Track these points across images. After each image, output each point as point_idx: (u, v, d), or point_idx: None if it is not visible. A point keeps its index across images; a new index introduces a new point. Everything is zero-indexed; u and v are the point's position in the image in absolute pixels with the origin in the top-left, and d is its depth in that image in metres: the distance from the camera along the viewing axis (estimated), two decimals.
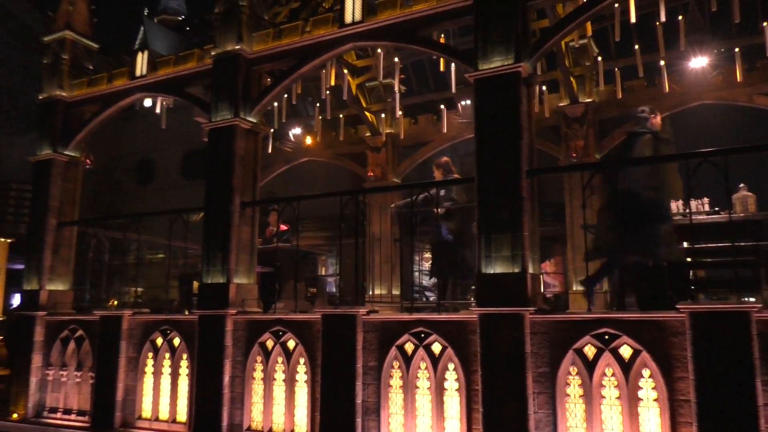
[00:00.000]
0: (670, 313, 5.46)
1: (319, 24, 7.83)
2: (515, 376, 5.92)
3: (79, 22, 10.06)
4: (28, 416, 8.99)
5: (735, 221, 6.51)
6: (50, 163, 9.58)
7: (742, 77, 9.05)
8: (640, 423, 5.55)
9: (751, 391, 5.02)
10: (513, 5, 6.50)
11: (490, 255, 6.22)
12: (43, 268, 9.35)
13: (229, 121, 7.99)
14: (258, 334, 7.48)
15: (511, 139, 6.30)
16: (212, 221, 7.95)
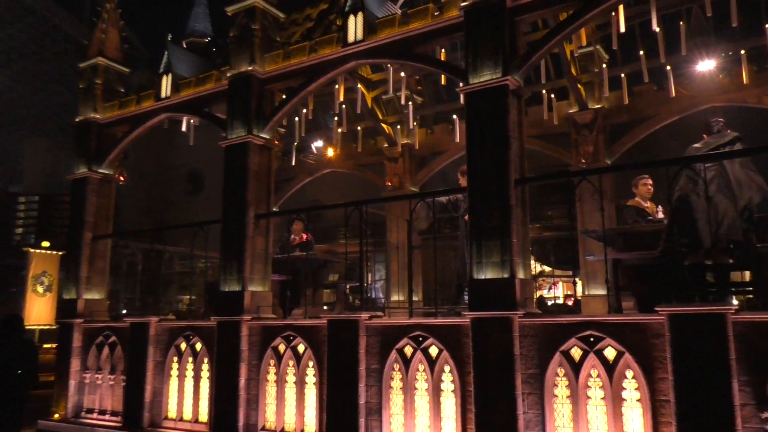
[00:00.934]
0: (650, 315, 5.63)
1: (325, 44, 8.25)
2: (505, 377, 6.15)
3: (111, 49, 10.77)
4: (68, 416, 9.67)
5: None
6: (86, 181, 10.29)
7: (750, 79, 9.03)
8: (623, 423, 5.72)
9: (728, 391, 5.14)
10: (501, 21, 6.76)
11: (480, 261, 6.48)
12: (80, 279, 10.04)
13: (243, 138, 8.48)
14: (271, 339, 7.92)
15: (499, 149, 6.56)
16: (228, 233, 8.44)
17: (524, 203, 6.73)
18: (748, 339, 5.22)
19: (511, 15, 6.85)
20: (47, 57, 64.01)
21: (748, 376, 5.18)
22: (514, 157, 6.57)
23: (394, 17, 7.74)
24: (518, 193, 6.63)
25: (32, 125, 66.66)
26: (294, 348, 7.76)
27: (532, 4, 6.81)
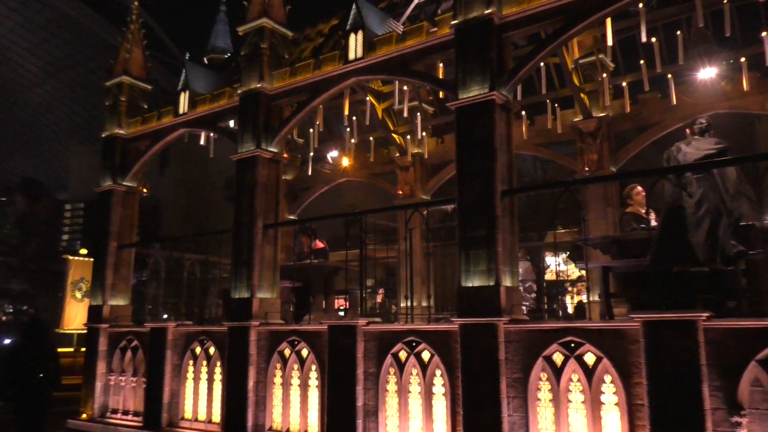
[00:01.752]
0: (627, 322, 5.82)
1: (328, 61, 8.63)
2: (491, 381, 6.40)
3: (135, 68, 11.38)
4: (95, 416, 10.24)
5: None
6: (111, 193, 10.89)
7: (753, 86, 9.06)
8: (602, 426, 5.91)
9: (699, 396, 5.30)
10: (488, 39, 7.03)
11: (468, 269, 6.75)
12: (105, 286, 10.64)
13: (252, 152, 8.92)
14: (277, 344, 8.32)
15: (486, 161, 6.81)
16: (238, 242, 8.88)
17: (512, 213, 6.98)
18: (719, 345, 5.37)
19: (499, 32, 7.11)
20: (92, 67, 66.20)
21: (720, 381, 5.33)
22: (501, 169, 6.82)
23: (392, 35, 8.07)
24: (506, 203, 6.88)
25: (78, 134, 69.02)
26: (298, 352, 8.14)
27: (519, 22, 7.05)
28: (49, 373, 8.35)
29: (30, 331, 8.59)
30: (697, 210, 6.18)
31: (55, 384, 8.44)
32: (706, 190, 6.28)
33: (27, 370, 8.20)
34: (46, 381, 8.30)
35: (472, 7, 7.15)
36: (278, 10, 9.44)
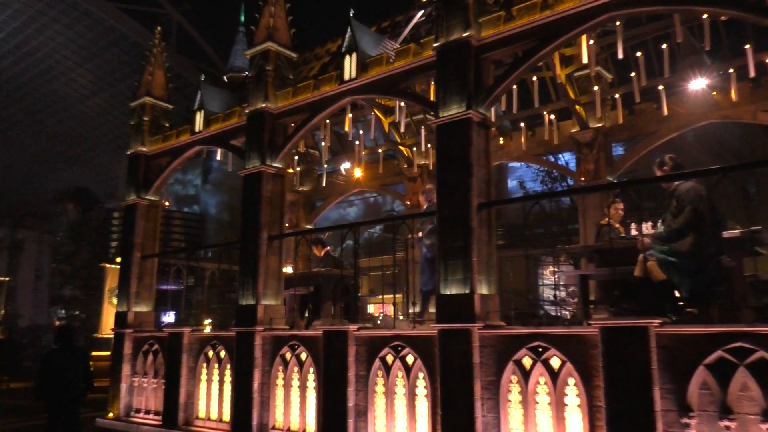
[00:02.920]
0: (588, 328, 6.15)
1: (325, 81, 9.17)
2: (466, 383, 6.80)
3: (157, 89, 12.17)
4: (120, 416, 11.00)
5: None
6: (135, 207, 11.68)
7: (745, 96, 9.19)
8: (566, 426, 6.25)
9: (650, 398, 5.61)
10: (467, 60, 7.45)
11: (447, 278, 7.17)
12: (130, 294, 11.41)
13: (257, 168, 9.52)
14: (279, 348, 8.87)
15: (463, 176, 7.23)
16: (245, 252, 9.48)
17: (490, 225, 7.36)
18: (671, 350, 5.67)
19: (477, 53, 7.52)
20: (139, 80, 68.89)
21: (671, 384, 5.62)
22: (477, 183, 7.22)
23: (382, 57, 8.56)
24: (483, 216, 7.28)
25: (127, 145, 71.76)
26: (298, 356, 8.68)
27: (495, 43, 7.45)
28: (79, 376, 9.00)
29: (61, 338, 9.29)
30: None
31: (88, 386, 9.04)
32: None
33: (59, 373, 8.86)
34: (77, 384, 8.94)
35: (452, 30, 7.58)
36: (283, 33, 10.04)
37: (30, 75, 70.91)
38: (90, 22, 69.08)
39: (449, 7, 7.65)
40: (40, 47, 68.02)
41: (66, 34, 70.00)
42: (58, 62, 71.28)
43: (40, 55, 69.27)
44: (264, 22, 9.96)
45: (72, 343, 9.21)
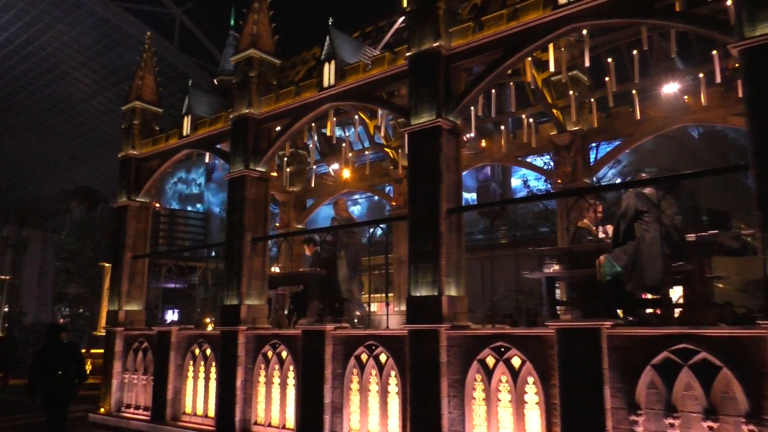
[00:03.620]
0: (545, 329, 6.41)
1: (306, 88, 9.44)
2: (433, 381, 7.08)
3: (148, 93, 12.46)
4: (111, 411, 11.33)
5: None
6: (125, 209, 11.99)
7: (715, 100, 9.39)
8: (525, 423, 6.53)
9: (601, 396, 5.88)
10: (437, 69, 7.71)
11: (417, 281, 7.44)
12: (121, 293, 11.72)
13: (241, 172, 9.81)
14: (261, 346, 9.17)
15: (433, 182, 7.49)
16: (230, 253, 9.78)
17: (459, 229, 7.63)
18: (621, 351, 5.93)
19: (447, 62, 7.78)
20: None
21: (621, 384, 5.89)
22: (446, 189, 7.48)
23: (359, 65, 8.82)
24: (452, 220, 7.55)
25: None
26: (279, 354, 8.98)
27: (464, 53, 7.71)
28: (70, 371, 9.37)
29: (49, 335, 9.65)
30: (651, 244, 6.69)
31: (80, 379, 9.41)
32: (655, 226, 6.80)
33: (49, 369, 9.24)
34: (67, 378, 9.30)
35: (424, 40, 7.84)
36: (266, 40, 10.31)
37: (34, 74, 71.35)
38: (94, 22, 69.46)
39: (421, 17, 7.90)
40: (44, 46, 68.39)
41: (70, 34, 70.39)
42: (62, 61, 71.66)
43: (44, 54, 69.67)
44: (247, 29, 10.23)
45: (60, 339, 9.54)
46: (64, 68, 72.65)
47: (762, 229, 5.30)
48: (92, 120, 74.57)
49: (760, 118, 5.42)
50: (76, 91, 75.16)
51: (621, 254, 6.73)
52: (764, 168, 5.35)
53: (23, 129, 71.31)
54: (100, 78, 73.20)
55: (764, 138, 5.39)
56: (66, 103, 75.74)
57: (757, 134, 5.41)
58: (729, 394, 5.34)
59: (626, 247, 6.72)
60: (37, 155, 74.00)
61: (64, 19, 67.35)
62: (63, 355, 9.40)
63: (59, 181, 76.12)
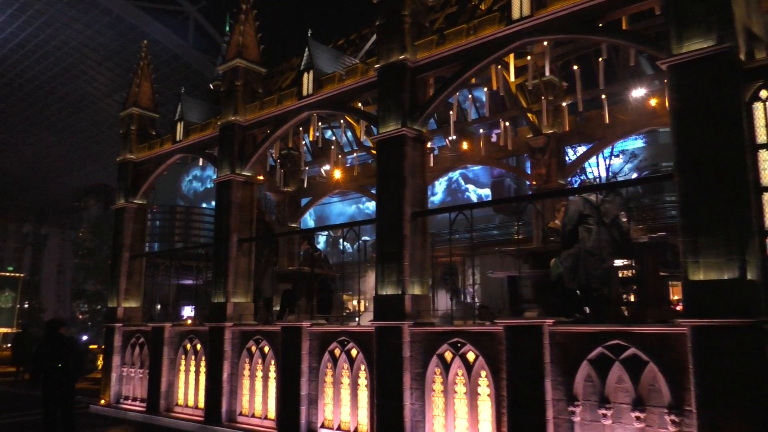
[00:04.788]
0: (495, 326, 6.86)
1: (287, 97, 9.93)
2: (397, 375, 7.56)
3: (144, 99, 13.04)
4: (111, 402, 11.96)
5: None
6: (124, 210, 12.59)
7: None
8: (478, 413, 6.99)
9: (542, 388, 6.32)
10: (403, 80, 8.15)
11: (383, 280, 7.92)
12: (120, 291, 12.33)
13: (228, 176, 10.34)
14: (246, 341, 9.71)
15: (398, 188, 7.95)
16: (218, 254, 10.32)
17: (424, 232, 8.09)
18: (563, 346, 6.37)
19: (413, 74, 8.22)
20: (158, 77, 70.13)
21: (562, 377, 6.33)
22: (411, 194, 7.94)
23: (335, 75, 9.29)
24: (418, 223, 8.01)
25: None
26: (261, 349, 9.51)
27: (428, 65, 8.15)
28: (69, 364, 9.92)
29: (50, 331, 10.21)
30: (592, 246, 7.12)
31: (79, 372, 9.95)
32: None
33: (50, 362, 9.79)
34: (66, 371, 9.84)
35: (392, 52, 8.28)
36: (252, 50, 10.81)
37: (51, 73, 72.46)
38: (109, 21, 70.41)
39: (389, 31, 8.35)
40: (60, 46, 69.40)
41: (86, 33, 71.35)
42: (79, 60, 72.62)
43: (61, 53, 70.69)
44: (234, 40, 10.75)
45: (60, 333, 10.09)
46: (80, 67, 73.74)
47: (684, 234, 5.70)
48: (108, 118, 75.61)
49: (683, 131, 5.82)
50: (92, 89, 76.32)
51: (566, 256, 7.15)
52: (686, 178, 5.75)
53: (41, 127, 72.55)
54: (116, 76, 74.24)
55: (687, 150, 5.79)
56: (82, 101, 76.86)
57: (681, 146, 5.81)
58: (655, 386, 5.76)
59: (571, 250, 7.14)
60: (54, 153, 75.29)
61: (81, 19, 68.39)
62: (62, 348, 9.94)
63: (76, 179, 77.48)
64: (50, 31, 66.17)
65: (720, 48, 5.69)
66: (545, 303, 8.24)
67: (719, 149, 5.62)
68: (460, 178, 44.92)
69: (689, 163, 5.76)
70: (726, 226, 5.44)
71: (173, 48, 66.62)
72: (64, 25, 65.52)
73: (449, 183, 47.19)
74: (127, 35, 72.44)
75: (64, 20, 65.01)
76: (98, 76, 76.26)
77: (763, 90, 6.29)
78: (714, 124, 5.66)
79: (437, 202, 44.77)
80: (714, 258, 5.45)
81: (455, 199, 45.70)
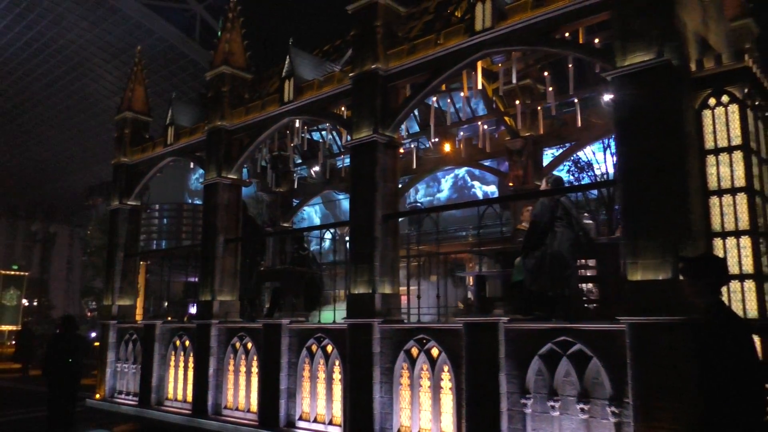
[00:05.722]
0: (457, 323, 7.23)
1: (269, 103, 10.33)
2: (367, 370, 7.95)
3: (138, 103, 13.47)
4: (106, 397, 12.43)
5: None
6: (118, 211, 13.04)
7: None
8: (441, 405, 7.37)
9: (497, 381, 6.69)
10: (375, 88, 8.52)
11: (356, 280, 8.31)
12: (115, 289, 12.79)
13: (215, 179, 10.75)
14: (231, 338, 10.13)
15: (370, 191, 8.33)
16: (205, 253, 10.74)
17: (395, 233, 8.47)
18: (516, 342, 6.74)
19: (385, 82, 8.59)
20: (165, 75, 70.72)
21: (516, 371, 6.70)
22: (382, 198, 8.31)
23: (314, 82, 9.68)
24: (389, 225, 8.39)
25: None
26: (245, 345, 9.93)
27: (400, 73, 8.51)
28: (80, 358, 10.41)
29: (65, 326, 10.69)
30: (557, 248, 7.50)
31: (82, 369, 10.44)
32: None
33: (60, 357, 10.26)
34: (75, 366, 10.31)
35: (365, 61, 8.66)
36: (238, 57, 11.22)
37: (59, 72, 73.06)
38: (116, 19, 70.99)
39: (362, 41, 8.73)
40: (67, 45, 69.92)
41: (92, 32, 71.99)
42: (86, 59, 73.25)
43: (68, 52, 71.21)
44: (220, 47, 11.16)
45: (74, 330, 10.60)
46: (88, 65, 74.37)
47: (625, 237, 6.06)
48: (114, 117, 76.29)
49: (626, 141, 6.18)
50: (99, 87, 76.98)
51: (530, 259, 7.50)
52: (628, 184, 6.10)
53: (48, 126, 73.30)
54: (123, 75, 74.70)
55: (629, 158, 6.14)
56: (90, 100, 77.55)
57: (623, 155, 6.17)
58: (598, 380, 6.12)
59: (536, 252, 7.48)
60: (62, 151, 76.06)
61: (87, 17, 68.97)
62: (74, 343, 10.42)
63: (84, 177, 78.28)
64: (57, 29, 66.80)
65: (659, 61, 6.03)
66: (514, 300, 8.70)
67: (658, 158, 5.96)
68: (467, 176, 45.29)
69: (631, 170, 6.12)
70: (662, 230, 5.79)
71: (180, 46, 67.25)
72: (71, 23, 66.17)
73: (455, 180, 47.60)
74: (133, 33, 73.06)
75: (71, 19, 65.64)
76: (105, 75, 76.95)
77: (712, 98, 6.68)
78: (654, 133, 6.00)
79: (443, 198, 45.14)
80: (651, 259, 5.81)
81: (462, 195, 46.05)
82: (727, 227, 6.40)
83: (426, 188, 44.91)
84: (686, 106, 6.42)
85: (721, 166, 6.50)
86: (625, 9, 6.33)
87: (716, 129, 6.60)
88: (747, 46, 9.24)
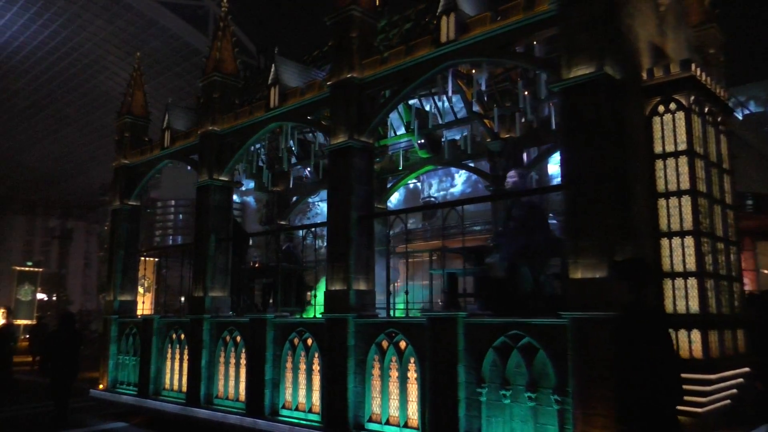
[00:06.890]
0: (422, 318, 7.73)
1: (257, 108, 10.85)
2: (343, 361, 8.48)
3: (137, 107, 14.08)
4: (108, 388, 13.09)
5: None
6: (119, 211, 13.67)
7: None
8: (408, 396, 7.88)
9: (456, 371, 7.18)
10: (351, 96, 9.01)
11: (332, 277, 8.83)
12: (116, 286, 13.43)
13: (206, 182, 11.32)
14: (221, 332, 10.71)
15: (345, 194, 8.83)
16: (198, 252, 11.32)
17: (370, 233, 8.97)
18: (473, 336, 7.22)
19: (360, 90, 9.07)
20: (178, 72, 71.60)
21: (473, 363, 7.18)
22: (357, 200, 8.81)
23: (297, 89, 10.19)
24: (364, 226, 8.89)
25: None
26: (234, 338, 10.50)
27: (374, 82, 8.99)
28: (77, 353, 11.10)
29: (63, 322, 11.38)
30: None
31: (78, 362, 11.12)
32: None
33: (59, 351, 10.95)
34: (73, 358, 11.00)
35: (342, 70, 9.14)
36: (229, 64, 11.75)
37: (74, 70, 74.13)
38: (130, 17, 71.96)
39: (339, 50, 9.21)
40: (83, 43, 70.91)
41: (108, 29, 72.94)
42: (101, 57, 74.28)
43: (83, 50, 72.21)
44: (212, 55, 11.70)
45: (71, 327, 11.28)
46: (103, 63, 75.44)
47: (568, 237, 6.51)
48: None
49: (569, 148, 6.62)
50: (114, 84, 78.00)
51: (502, 262, 7.99)
52: (572, 189, 6.54)
53: (65, 123, 74.50)
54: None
55: (573, 164, 6.58)
56: (106, 97, 78.59)
57: (567, 162, 6.61)
58: (545, 371, 6.59)
59: (505, 252, 7.96)
60: (79, 148, 77.31)
61: (102, 15, 69.95)
62: (71, 339, 11.09)
63: (101, 173, 79.49)
64: (73, 27, 67.84)
65: (599, 74, 6.45)
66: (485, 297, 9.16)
67: (599, 164, 6.39)
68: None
69: (574, 176, 6.56)
70: (599, 232, 6.24)
71: (194, 43, 68.17)
72: (86, 21, 67.18)
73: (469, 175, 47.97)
74: (147, 30, 73.99)
75: (86, 17, 66.66)
76: (120, 72, 77.92)
77: (661, 105, 7.13)
78: (595, 141, 6.43)
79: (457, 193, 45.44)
80: (589, 259, 6.25)
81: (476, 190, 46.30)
82: (673, 228, 6.87)
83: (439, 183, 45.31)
84: (632, 115, 6.87)
85: (669, 170, 6.97)
86: (571, 24, 6.75)
87: (664, 135, 7.06)
88: (711, 52, 9.66)
